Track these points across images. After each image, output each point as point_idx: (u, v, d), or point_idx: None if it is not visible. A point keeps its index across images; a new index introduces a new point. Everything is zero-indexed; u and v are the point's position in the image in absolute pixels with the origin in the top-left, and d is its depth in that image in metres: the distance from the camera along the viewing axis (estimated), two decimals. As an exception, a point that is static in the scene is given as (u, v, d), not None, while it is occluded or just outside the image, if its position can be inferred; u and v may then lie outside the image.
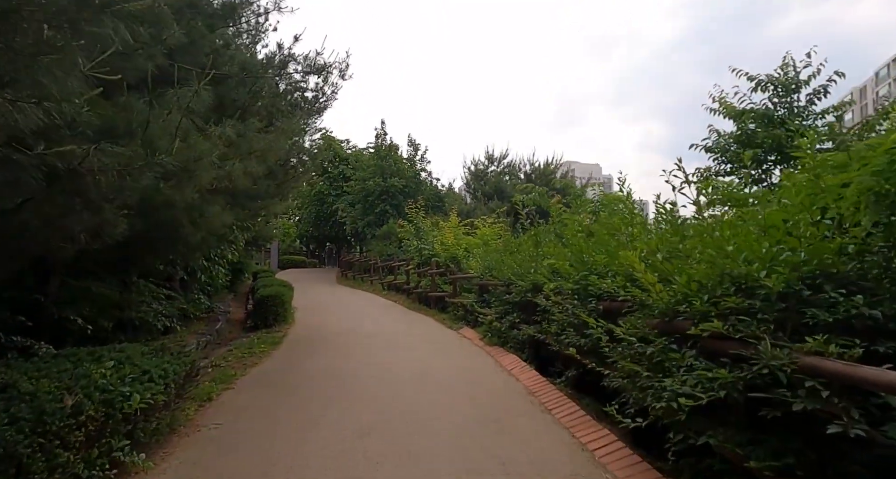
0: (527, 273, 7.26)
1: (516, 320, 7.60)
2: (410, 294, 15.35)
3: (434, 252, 13.71)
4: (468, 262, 12.25)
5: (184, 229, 4.87)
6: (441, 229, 14.45)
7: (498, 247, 11.79)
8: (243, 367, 6.56)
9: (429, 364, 6.72)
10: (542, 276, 6.07)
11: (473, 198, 24.21)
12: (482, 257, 10.89)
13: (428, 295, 13.45)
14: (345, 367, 6.48)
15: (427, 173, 25.21)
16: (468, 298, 10.85)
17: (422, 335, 9.32)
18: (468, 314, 10.42)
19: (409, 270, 15.95)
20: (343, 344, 8.18)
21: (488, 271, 9.95)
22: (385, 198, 22.85)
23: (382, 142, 24.72)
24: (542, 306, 5.81)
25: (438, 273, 13.14)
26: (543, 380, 5.70)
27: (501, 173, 24.38)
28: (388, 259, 19.34)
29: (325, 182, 29.21)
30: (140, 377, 3.11)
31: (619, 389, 3.84)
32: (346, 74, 9.41)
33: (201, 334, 10.06)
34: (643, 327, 3.52)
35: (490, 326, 8.52)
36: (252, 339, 8.65)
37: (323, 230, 30.34)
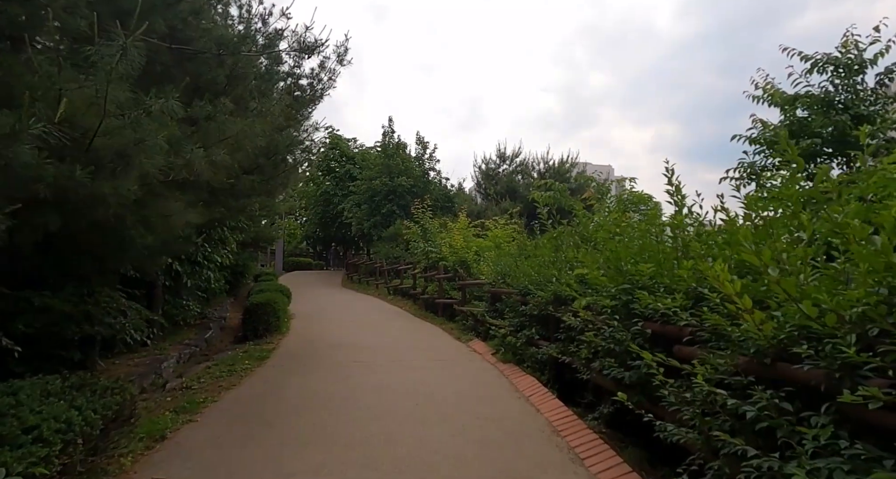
0: (547, 282, 6.28)
1: (534, 335, 6.62)
2: (417, 300, 14.42)
3: (442, 255, 12.77)
4: (478, 266, 11.28)
5: (130, 231, 3.97)
6: (449, 231, 13.51)
7: (511, 250, 10.82)
8: (217, 390, 5.66)
9: (434, 388, 5.76)
10: (569, 288, 5.09)
11: (484, 198, 23.19)
12: (494, 261, 9.93)
13: (435, 301, 12.51)
14: (336, 392, 5.55)
15: (436, 173, 24.28)
16: (479, 306, 9.88)
17: (428, 349, 8.37)
18: (479, 325, 9.46)
19: (415, 274, 15.01)
20: (338, 361, 7.25)
21: (501, 277, 8.98)
22: (392, 198, 21.95)
23: (390, 140, 23.83)
24: (569, 323, 4.82)
25: (446, 278, 12.19)
26: (569, 413, 4.71)
27: (514, 173, 23.30)
28: (394, 262, 18.44)
29: (331, 182, 28.39)
30: (18, 438, 2.19)
31: (681, 443, 2.85)
32: (344, 59, 8.50)
33: (186, 344, 9.22)
34: (725, 365, 2.54)
35: (503, 340, 7.55)
36: (237, 353, 7.76)
37: (329, 231, 29.52)
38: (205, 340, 10.22)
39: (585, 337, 4.39)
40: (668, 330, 3.39)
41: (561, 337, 5.53)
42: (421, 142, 24.01)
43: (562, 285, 5.58)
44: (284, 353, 7.92)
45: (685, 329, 3.11)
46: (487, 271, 9.98)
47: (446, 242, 12.74)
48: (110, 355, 7.58)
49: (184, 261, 9.10)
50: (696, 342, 3.01)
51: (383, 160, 22.82)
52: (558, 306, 5.72)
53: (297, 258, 32.30)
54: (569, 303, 5.46)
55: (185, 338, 9.87)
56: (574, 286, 4.77)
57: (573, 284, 5.03)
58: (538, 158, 23.37)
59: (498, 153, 24.09)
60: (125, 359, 7.49)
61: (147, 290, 8.69)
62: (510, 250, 10.72)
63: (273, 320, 9.14)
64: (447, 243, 12.64)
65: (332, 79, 8.62)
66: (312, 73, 8.54)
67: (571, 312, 4.81)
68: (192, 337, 10.00)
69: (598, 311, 4.18)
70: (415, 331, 10.47)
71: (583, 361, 4.55)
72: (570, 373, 5.29)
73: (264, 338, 8.95)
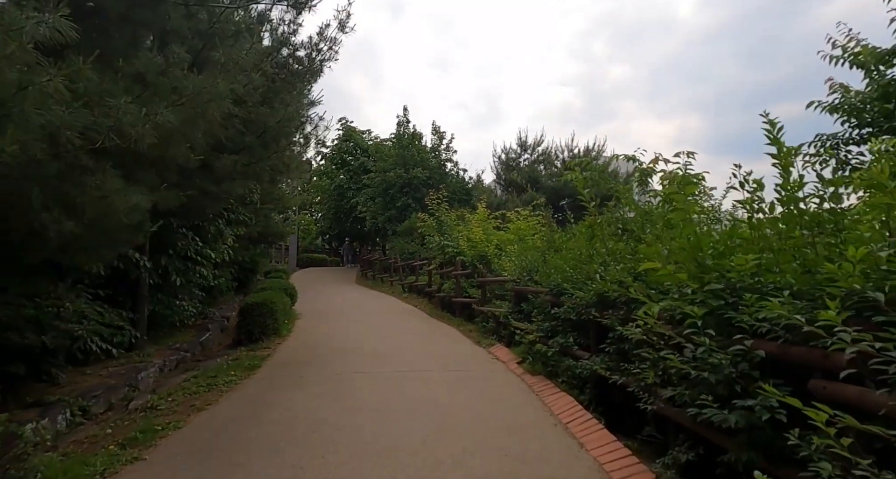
0: (586, 280, 5.15)
1: (570, 344, 5.49)
2: (433, 298, 13.36)
3: (459, 250, 11.67)
4: (500, 262, 10.16)
5: (41, 214, 2.98)
6: (467, 223, 12.39)
7: (536, 244, 9.67)
8: (187, 412, 4.68)
9: (449, 411, 4.68)
10: (619, 286, 3.96)
11: (504, 190, 21.96)
12: (517, 256, 8.80)
13: (452, 300, 11.43)
14: (328, 417, 4.51)
15: (453, 164, 23.14)
16: (501, 307, 8.77)
17: (443, 356, 7.29)
18: (501, 328, 8.35)
19: (430, 270, 13.95)
20: (339, 372, 6.23)
21: (527, 273, 7.85)
22: (407, 191, 20.90)
23: (404, 130, 22.76)
24: (625, 333, 3.68)
25: (464, 275, 11.10)
26: (625, 453, 3.58)
27: (535, 162, 21.98)
28: (409, 258, 17.41)
29: (345, 175, 27.49)
30: None
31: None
32: (346, 26, 7.47)
33: (176, 349, 8.32)
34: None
35: (531, 347, 6.44)
36: (224, 361, 6.81)
37: (343, 227, 28.66)
38: (199, 343, 9.33)
39: (650, 354, 3.25)
40: (799, 355, 2.24)
41: (609, 350, 4.40)
42: (437, 132, 22.91)
43: (607, 283, 4.44)
44: (279, 361, 6.94)
45: (836, 357, 1.96)
46: (510, 267, 8.86)
47: (464, 235, 11.63)
48: (88, 362, 6.73)
49: (172, 256, 8.19)
50: (861, 380, 1.87)
51: (398, 151, 21.77)
52: (603, 310, 4.58)
53: (312, 255, 31.56)
54: (618, 307, 4.32)
55: (179, 341, 9.00)
56: (633, 286, 3.61)
57: (629, 281, 3.88)
58: (562, 147, 22.00)
59: (519, 142, 22.79)
60: (101, 368, 6.60)
61: (131, 289, 7.81)
62: (535, 244, 9.57)
63: (270, 322, 8.19)
64: (465, 236, 11.54)
65: (332, 48, 7.57)
66: (311, 42, 7.52)
67: (628, 320, 3.67)
68: (188, 340, 9.12)
69: (675, 320, 3.03)
70: (429, 334, 9.41)
71: (647, 386, 3.41)
72: (620, 395, 4.16)
73: (260, 342, 8.01)
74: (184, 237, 8.44)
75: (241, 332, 8.18)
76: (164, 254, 8.13)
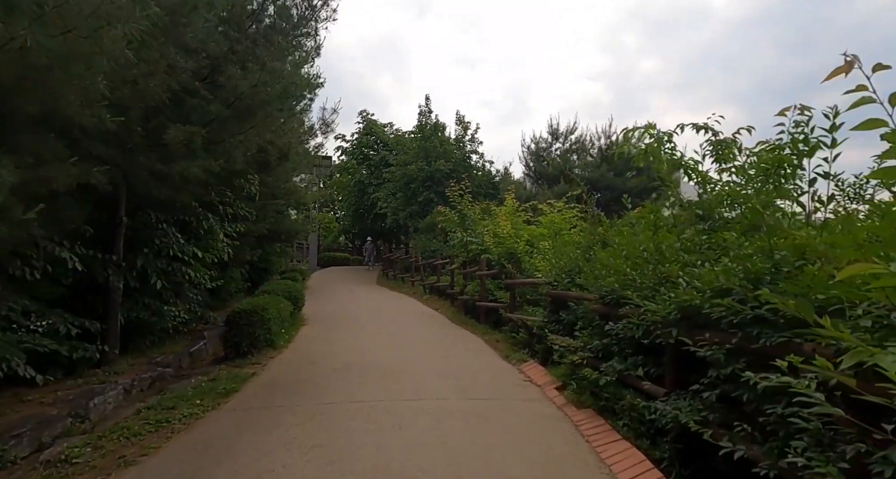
0: (656, 285, 3.70)
1: (635, 373, 4.03)
2: (455, 301, 12.00)
3: (484, 247, 10.27)
4: (531, 260, 8.72)
5: None
6: (494, 217, 10.96)
7: (573, 239, 8.20)
8: (109, 468, 3.44)
9: (469, 472, 3.31)
10: (798, 308, 2.52)
11: (534, 182, 20.36)
12: (554, 253, 7.35)
13: (476, 304, 10.05)
14: (305, 476, 3.20)
15: (479, 156, 21.69)
16: (533, 314, 7.33)
17: (465, 376, 5.92)
18: (534, 340, 6.92)
19: (453, 269, 12.58)
20: (332, 400, 4.94)
21: (566, 275, 6.41)
22: (429, 184, 19.55)
23: (426, 121, 21.42)
24: (766, 386, 2.23)
25: (490, 275, 9.69)
26: None
27: (568, 152, 20.25)
28: (431, 256, 16.09)
29: (366, 170, 26.35)
30: None
31: None
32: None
33: (155, 363, 7.17)
34: None
35: (575, 370, 5.02)
36: (196, 384, 5.61)
37: (365, 224, 27.55)
38: (189, 354, 8.20)
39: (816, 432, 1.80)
40: None
41: (707, 395, 2.93)
42: (461, 122, 21.48)
43: (696, 294, 2.99)
44: (263, 384, 5.69)
45: None
46: (544, 267, 7.42)
47: (489, 230, 10.20)
48: (51, 375, 5.64)
49: (148, 255, 7.06)
50: None
51: (419, 143, 20.45)
52: (693, 332, 3.11)
53: (334, 253, 30.60)
54: (721, 329, 2.85)
55: (168, 351, 7.90)
56: (793, 303, 2.15)
57: (743, 287, 2.43)
58: (597, 134, 20.10)
59: (549, 130, 21.03)
60: (50, 391, 5.49)
61: (102, 295, 6.71)
62: (573, 239, 8.10)
63: (262, 333, 6.97)
64: (490, 231, 10.11)
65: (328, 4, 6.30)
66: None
67: (747, 353, 2.21)
68: (178, 351, 8.00)
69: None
70: (449, 344, 8.04)
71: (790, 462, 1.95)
72: (728, 464, 2.70)
73: (249, 357, 6.80)
74: (164, 234, 7.31)
75: (226, 345, 6.99)
76: (140, 253, 7.01)
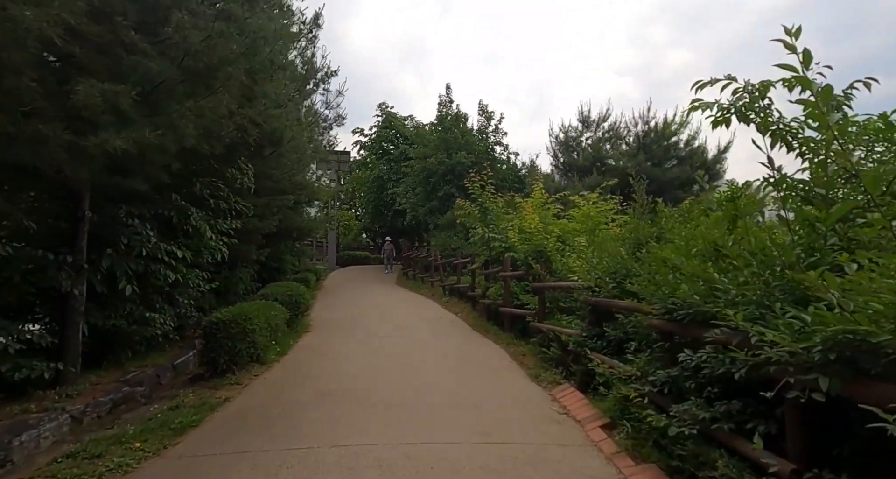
0: (771, 301, 2.40)
1: (730, 424, 2.72)
2: (477, 304, 10.77)
3: (508, 244, 9.01)
4: (564, 259, 7.41)
5: None
6: (520, 210, 9.67)
7: (614, 233, 6.88)
8: None
9: None
10: None
11: (563, 175, 18.87)
12: (595, 250, 6.04)
13: (500, 309, 8.80)
14: None
15: (503, 148, 20.36)
16: (569, 325, 6.03)
17: (484, 408, 4.70)
18: (569, 357, 5.64)
19: (474, 269, 11.34)
20: (311, 444, 3.79)
21: (612, 278, 5.10)
22: (450, 178, 18.31)
23: (447, 111, 20.18)
24: None
25: (515, 277, 8.42)
26: None
27: (601, 141, 18.64)
28: (451, 255, 14.88)
29: (385, 165, 25.30)
30: None
31: None
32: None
33: (124, 382, 6.17)
34: None
35: (628, 406, 3.76)
36: (155, 413, 4.55)
37: (385, 221, 26.52)
38: (173, 367, 7.21)
39: None
40: None
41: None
42: (484, 112, 20.17)
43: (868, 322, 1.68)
44: (230, 416, 4.58)
45: None
46: (581, 268, 6.11)
47: (514, 225, 8.92)
48: None
49: (112, 255, 6.05)
50: None
51: (439, 134, 19.23)
52: (861, 383, 1.81)
53: (354, 252, 29.69)
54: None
55: (149, 363, 6.93)
56: None
57: None
58: (634, 120, 18.30)
59: (580, 118, 19.38)
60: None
61: (60, 302, 5.75)
62: (615, 234, 6.77)
63: (245, 347, 5.89)
64: (515, 226, 8.83)
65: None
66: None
67: None
68: (160, 363, 7.01)
69: None
70: (467, 359, 6.82)
71: None
72: None
73: (228, 375, 5.73)
74: (136, 231, 6.30)
75: (201, 361, 5.95)
76: (104, 253, 6.01)
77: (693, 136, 17.39)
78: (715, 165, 17.00)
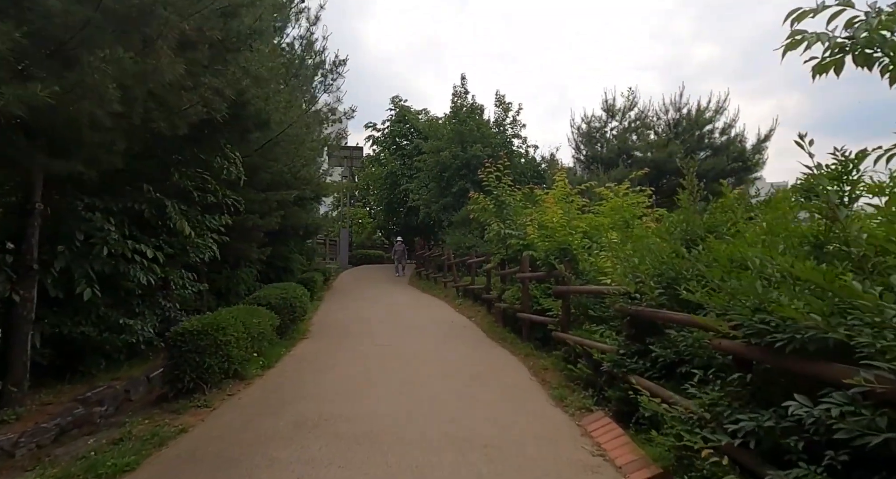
0: None
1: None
2: (492, 307, 9.77)
3: (526, 241, 7.99)
4: (593, 259, 6.36)
5: None
6: (540, 203, 8.63)
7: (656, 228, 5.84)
8: None
9: None
10: None
11: (586, 168, 17.66)
12: (629, 249, 4.99)
13: (518, 315, 7.78)
14: None
15: (521, 140, 19.25)
16: (602, 340, 4.98)
17: (497, 446, 3.73)
18: (602, 378, 4.61)
19: (489, 269, 10.35)
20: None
21: (657, 281, 4.06)
22: (465, 173, 17.29)
23: (462, 102, 19.17)
24: None
25: (535, 278, 7.41)
26: None
27: (627, 130, 17.34)
28: (466, 254, 13.89)
29: (398, 160, 24.40)
30: None
31: None
32: None
33: (80, 402, 5.24)
34: None
35: (695, 459, 2.74)
36: (87, 449, 3.69)
37: (399, 218, 25.63)
38: (148, 379, 6.37)
39: None
40: None
41: None
42: (501, 102, 19.11)
43: None
44: (181, 456, 3.67)
45: None
46: (615, 270, 5.06)
47: (534, 220, 7.89)
48: None
49: (65, 253, 5.21)
50: None
51: (454, 126, 18.23)
52: None
53: (367, 251, 28.88)
54: None
55: (122, 376, 6.12)
56: None
57: None
58: (664, 106, 16.88)
59: (604, 106, 18.05)
60: None
61: (2, 310, 4.95)
62: (656, 228, 5.72)
63: (216, 363, 5.01)
64: (535, 220, 7.80)
65: None
66: None
67: None
68: (134, 376, 6.19)
69: None
70: (480, 377, 5.84)
71: None
72: None
73: (197, 394, 4.86)
74: (98, 227, 5.46)
75: (165, 379, 5.09)
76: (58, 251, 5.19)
77: (730, 123, 15.98)
78: (754, 155, 15.62)
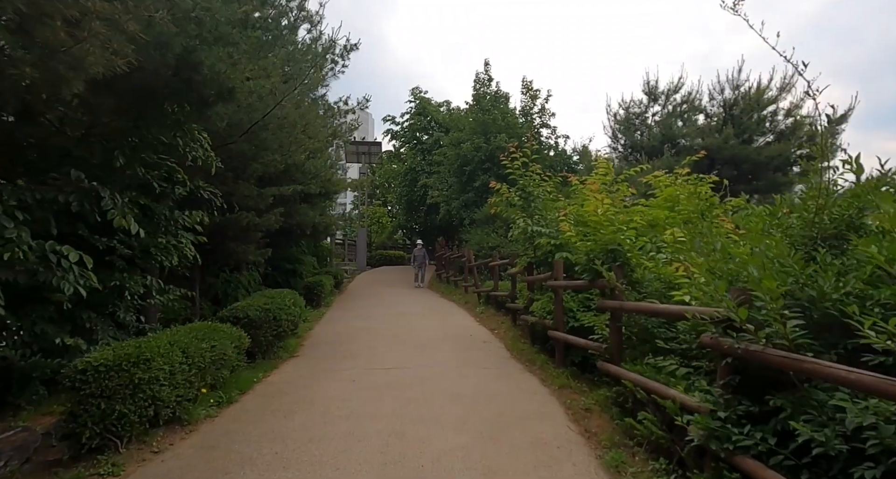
0: None
1: None
2: (517, 318, 8.23)
3: (560, 240, 6.43)
4: (653, 265, 4.75)
5: None
6: (576, 195, 7.03)
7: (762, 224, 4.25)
8: None
9: None
10: None
11: (624, 159, 15.83)
12: (724, 252, 3.39)
13: (549, 332, 6.21)
14: None
15: (550, 130, 17.54)
16: (677, 384, 3.37)
17: None
18: (683, 446, 3.04)
19: (514, 274, 8.80)
20: None
21: (791, 309, 2.45)
22: (488, 166, 15.73)
23: (485, 90, 17.60)
24: None
25: (572, 287, 5.85)
26: None
27: (672, 115, 15.32)
28: (489, 255, 12.35)
29: (417, 155, 22.99)
30: None
31: None
32: None
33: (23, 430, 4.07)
34: None
35: None
36: None
37: (419, 217, 24.23)
38: (45, 435, 5.10)
39: None
40: None
41: None
42: (528, 89, 17.42)
43: None
44: None
45: None
46: (698, 283, 3.47)
47: (569, 214, 6.31)
48: None
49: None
50: None
51: (476, 116, 16.68)
52: None
53: (387, 252, 27.60)
54: None
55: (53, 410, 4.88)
56: None
57: None
58: (717, 85, 14.69)
59: (645, 89, 15.99)
60: None
61: None
62: (760, 224, 4.14)
63: (132, 410, 3.64)
64: (570, 215, 6.22)
65: None
66: None
67: None
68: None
69: None
70: (501, 424, 4.32)
71: None
72: None
73: (106, 455, 3.51)
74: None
75: (58, 436, 3.75)
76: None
77: (797, 104, 13.80)
78: (826, 140, 13.47)
